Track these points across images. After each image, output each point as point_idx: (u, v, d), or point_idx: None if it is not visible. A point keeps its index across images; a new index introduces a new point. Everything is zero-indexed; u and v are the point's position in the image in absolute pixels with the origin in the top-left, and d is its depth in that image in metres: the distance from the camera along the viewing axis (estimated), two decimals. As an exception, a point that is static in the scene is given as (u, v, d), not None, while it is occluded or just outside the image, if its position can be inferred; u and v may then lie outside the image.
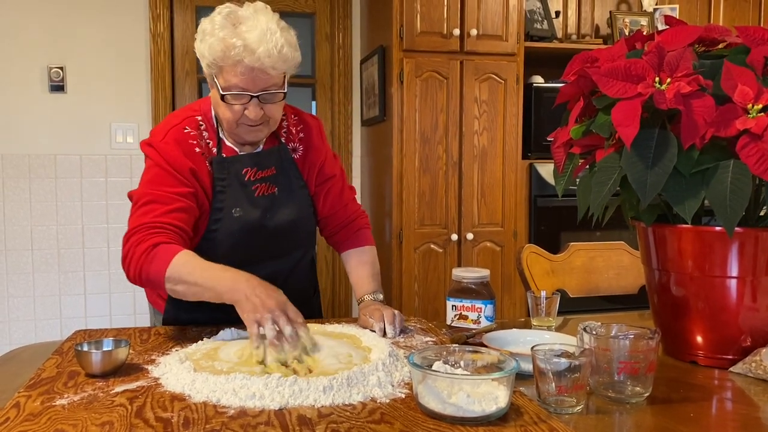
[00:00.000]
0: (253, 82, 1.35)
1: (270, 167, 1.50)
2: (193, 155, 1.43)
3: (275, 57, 1.32)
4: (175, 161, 1.40)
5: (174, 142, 1.42)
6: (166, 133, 1.43)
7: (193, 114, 1.47)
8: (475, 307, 1.42)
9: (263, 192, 1.48)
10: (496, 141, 3.20)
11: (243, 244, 1.47)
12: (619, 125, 1.05)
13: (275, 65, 1.34)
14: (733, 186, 1.03)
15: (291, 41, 1.38)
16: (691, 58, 1.08)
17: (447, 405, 0.89)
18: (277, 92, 1.38)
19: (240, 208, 1.45)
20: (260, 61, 1.31)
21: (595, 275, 1.94)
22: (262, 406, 0.94)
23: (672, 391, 1.08)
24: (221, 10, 1.37)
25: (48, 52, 3.27)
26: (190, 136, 1.44)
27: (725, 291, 1.16)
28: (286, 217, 1.51)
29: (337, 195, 1.62)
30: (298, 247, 1.57)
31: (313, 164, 1.58)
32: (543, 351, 0.99)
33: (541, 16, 3.36)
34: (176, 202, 1.37)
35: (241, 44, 1.31)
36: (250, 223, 1.46)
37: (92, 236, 3.38)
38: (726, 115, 1.03)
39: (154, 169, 1.41)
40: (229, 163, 1.46)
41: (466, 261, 3.19)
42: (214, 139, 1.47)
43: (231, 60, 1.32)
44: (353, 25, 3.64)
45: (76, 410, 0.93)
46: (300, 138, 1.57)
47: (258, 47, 1.31)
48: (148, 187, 1.40)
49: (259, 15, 1.35)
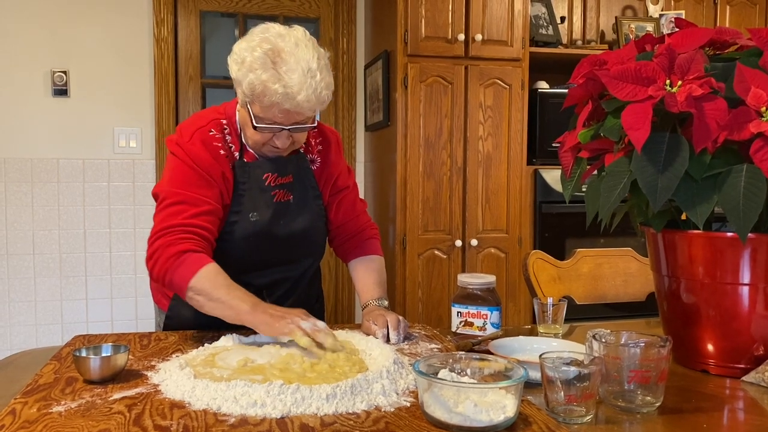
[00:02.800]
0: (287, 119, 1.36)
1: (288, 174, 1.51)
2: (219, 157, 1.44)
3: (314, 102, 1.33)
4: (203, 163, 1.41)
5: (201, 144, 1.43)
6: (192, 135, 1.44)
7: (218, 117, 1.48)
8: (481, 314, 1.39)
9: (280, 199, 1.49)
10: (500, 147, 3.18)
11: (255, 249, 1.48)
12: (629, 128, 1.03)
13: (313, 108, 1.35)
14: (747, 191, 1.01)
15: (329, 81, 1.36)
16: (702, 61, 1.07)
17: (453, 414, 0.87)
18: (308, 126, 1.40)
19: (257, 213, 1.46)
20: (299, 106, 1.32)
21: (602, 282, 1.91)
22: (263, 414, 0.92)
23: (683, 401, 1.06)
24: (261, 43, 1.32)
25: (51, 56, 3.26)
26: (215, 138, 1.45)
27: (737, 298, 1.14)
28: (299, 225, 1.51)
29: (349, 206, 1.64)
30: (307, 255, 1.58)
31: (330, 176, 1.59)
32: (551, 359, 0.97)
33: (546, 21, 3.34)
34: (205, 204, 1.39)
35: (282, 91, 1.30)
36: (266, 229, 1.47)
37: (94, 241, 3.37)
38: (739, 119, 1.01)
39: (182, 168, 1.41)
40: (251, 168, 1.47)
41: (470, 267, 3.17)
42: (236, 143, 1.47)
43: (268, 101, 1.32)
44: (357, 30, 3.63)
45: (73, 417, 0.91)
46: (318, 150, 1.59)
47: (298, 95, 1.30)
48: (177, 186, 1.40)
49: (299, 51, 1.32)
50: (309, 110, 1.35)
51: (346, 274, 3.54)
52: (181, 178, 1.41)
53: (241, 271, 1.43)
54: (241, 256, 1.47)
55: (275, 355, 1.16)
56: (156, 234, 1.36)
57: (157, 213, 1.40)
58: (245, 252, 1.47)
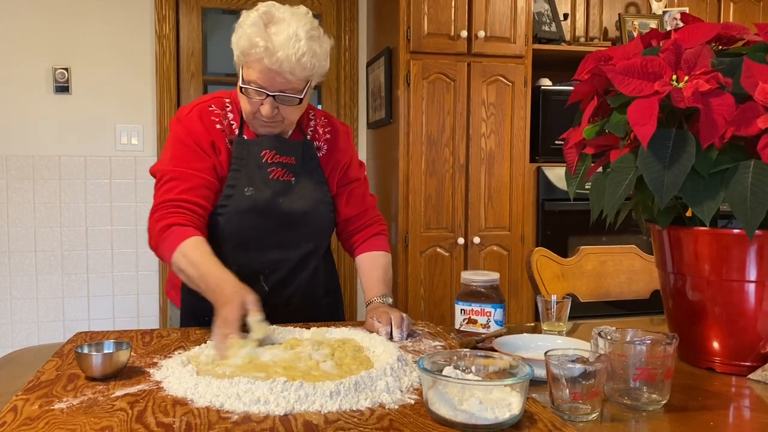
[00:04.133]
0: (270, 82, 1.39)
1: (290, 156, 1.52)
2: (213, 130, 1.47)
3: (293, 63, 1.36)
4: (195, 134, 1.46)
5: (197, 117, 1.48)
6: (191, 109, 1.50)
7: (222, 96, 1.53)
8: (485, 311, 1.39)
9: (278, 176, 1.50)
10: (503, 144, 3.17)
11: (250, 225, 1.48)
12: (635, 124, 1.02)
13: (293, 71, 1.37)
14: (754, 187, 1.00)
15: (316, 51, 1.40)
16: (709, 56, 1.06)
17: (458, 412, 0.86)
18: (293, 96, 1.42)
19: (253, 187, 1.47)
20: (279, 64, 1.36)
21: (606, 279, 1.91)
22: (266, 411, 0.91)
23: (689, 399, 1.05)
24: (260, 7, 1.41)
25: (53, 53, 3.25)
26: (214, 113, 1.49)
27: (743, 295, 1.13)
28: (299, 206, 1.51)
29: (359, 198, 1.64)
30: (307, 239, 1.56)
31: (337, 164, 1.60)
32: (557, 356, 0.96)
33: (549, 18, 3.33)
34: (196, 178, 1.43)
35: (263, 45, 1.35)
36: (261, 204, 1.47)
37: (96, 238, 3.36)
38: (746, 114, 1.00)
39: (176, 144, 1.47)
40: (249, 145, 1.49)
41: (472, 265, 3.16)
42: (237, 121, 1.51)
43: (252, 57, 1.37)
44: (359, 27, 3.62)
45: (75, 414, 0.91)
46: (326, 139, 1.60)
47: (278, 51, 1.35)
48: (171, 163, 1.45)
49: (293, 19, 1.39)
50: (289, 72, 1.36)
51: (349, 271, 3.54)
52: (174, 154, 1.46)
53: (237, 249, 1.47)
54: (236, 231, 1.47)
55: (280, 353, 1.15)
56: (151, 211, 1.43)
57: (155, 191, 1.46)
58: (240, 227, 1.47)
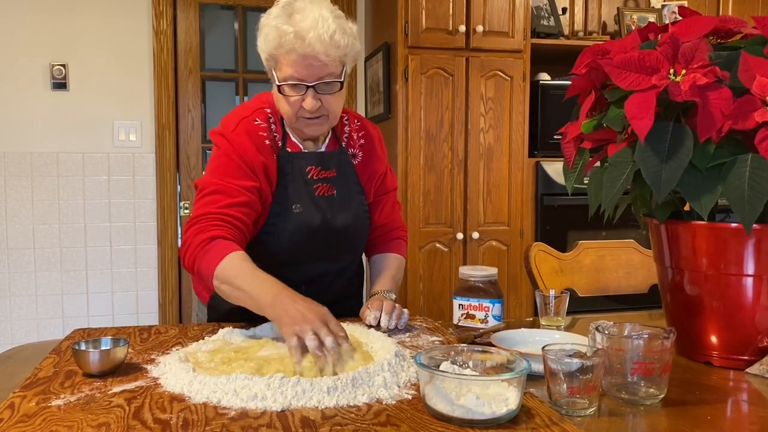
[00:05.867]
0: (307, 70, 1.34)
1: (331, 168, 1.50)
2: (263, 148, 1.43)
3: (326, 42, 1.32)
4: (245, 153, 1.40)
5: (245, 134, 1.42)
6: (237, 124, 1.43)
7: (262, 106, 1.48)
8: (483, 306, 1.39)
9: (323, 192, 1.48)
10: (502, 139, 3.16)
11: (298, 242, 1.46)
12: (632, 118, 1.02)
13: (327, 51, 1.33)
14: (752, 181, 1.00)
15: (345, 28, 1.36)
16: (706, 49, 1.05)
17: (455, 407, 0.86)
18: (333, 81, 1.37)
19: (300, 204, 1.45)
20: (311, 47, 1.31)
21: (605, 274, 1.91)
22: (264, 407, 0.91)
23: (686, 393, 1.05)
24: (278, 3, 1.37)
25: (50, 49, 3.25)
26: (260, 128, 1.44)
27: (741, 289, 1.13)
28: (343, 220, 1.50)
29: (390, 208, 1.65)
30: (350, 251, 1.56)
31: (373, 172, 1.58)
32: (554, 351, 0.96)
33: (548, 12, 3.32)
34: (241, 195, 1.37)
35: (293, 31, 1.31)
36: (308, 222, 1.45)
37: (95, 235, 3.36)
38: (744, 108, 1.00)
39: (223, 159, 1.41)
40: (295, 159, 1.46)
41: (471, 260, 3.16)
42: (280, 133, 1.47)
43: (284, 49, 1.33)
44: (357, 22, 3.61)
45: (72, 411, 0.90)
46: (360, 144, 1.57)
47: (308, 33, 1.30)
48: (215, 176, 1.39)
49: (314, 5, 1.35)
50: (324, 54, 1.32)
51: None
52: (220, 169, 1.40)
53: (282, 266, 1.40)
54: (284, 250, 1.45)
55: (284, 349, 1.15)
56: (189, 222, 1.36)
57: (195, 203, 1.41)
58: (288, 246, 1.45)
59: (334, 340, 1.08)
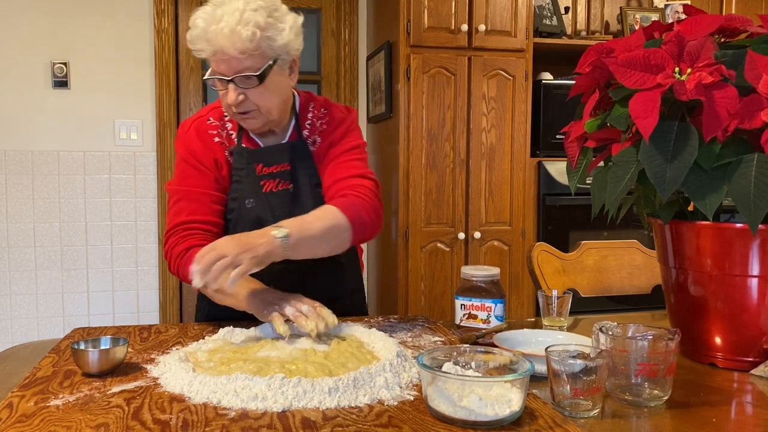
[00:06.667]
0: (226, 65, 1.33)
1: (283, 162, 1.48)
2: (213, 145, 1.47)
3: (227, 36, 1.29)
4: (196, 152, 1.46)
5: (195, 134, 1.48)
6: (189, 126, 1.50)
7: (219, 106, 1.50)
8: (485, 306, 1.38)
9: (272, 188, 1.47)
10: (504, 138, 3.15)
11: None
12: (637, 117, 1.01)
13: (234, 43, 1.29)
14: (757, 181, 0.98)
15: (259, 22, 1.30)
16: (712, 48, 1.04)
17: (458, 408, 0.85)
18: (250, 75, 1.33)
19: (254, 200, 1.46)
20: (216, 41, 1.30)
21: (607, 274, 1.90)
22: (264, 407, 0.91)
23: (691, 395, 1.04)
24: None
25: (51, 47, 3.24)
26: (212, 126, 1.49)
27: (746, 290, 1.12)
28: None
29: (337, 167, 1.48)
30: None
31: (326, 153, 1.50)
32: (558, 352, 0.95)
33: (551, 11, 3.31)
34: (204, 196, 1.44)
35: (201, 27, 1.32)
36: (262, 217, 1.45)
37: (95, 233, 3.35)
38: (750, 107, 0.99)
39: (181, 164, 1.48)
40: (247, 154, 1.48)
41: (473, 260, 3.15)
42: (236, 130, 1.49)
43: (196, 45, 1.34)
44: (359, 21, 3.60)
45: (71, 411, 0.90)
46: (321, 130, 1.54)
47: (210, 27, 1.30)
48: (178, 183, 1.46)
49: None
50: (231, 48, 1.29)
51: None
52: (181, 175, 1.47)
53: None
54: None
55: (284, 350, 1.14)
56: (166, 234, 1.44)
57: (167, 210, 1.48)
58: None
59: (310, 307, 1.23)
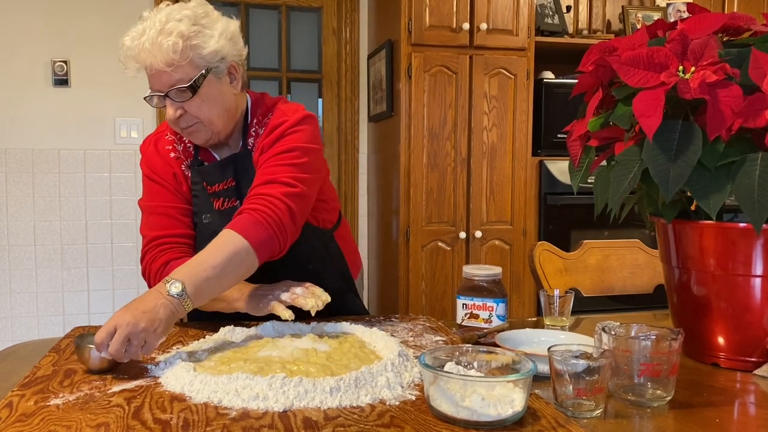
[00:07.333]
0: (156, 80, 1.33)
1: (226, 179, 1.43)
2: (169, 160, 1.46)
3: (147, 50, 1.28)
4: (155, 167, 1.45)
5: (154, 150, 1.47)
6: (150, 143, 1.49)
7: None
8: (487, 306, 1.37)
9: (220, 206, 1.43)
10: (505, 137, 3.15)
11: None
12: (640, 116, 1.00)
13: (155, 55, 1.28)
14: (762, 180, 0.98)
15: (183, 31, 1.28)
16: (716, 46, 1.04)
17: (460, 408, 0.85)
18: (182, 88, 1.32)
19: (209, 215, 1.44)
20: (140, 58, 1.30)
21: (609, 274, 1.89)
22: (265, 407, 0.90)
23: (694, 395, 1.03)
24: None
25: (52, 46, 3.24)
26: (168, 141, 1.48)
27: (749, 290, 1.11)
28: None
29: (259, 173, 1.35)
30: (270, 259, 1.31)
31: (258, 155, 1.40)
32: (560, 352, 0.94)
33: (552, 10, 3.31)
34: (172, 209, 1.43)
35: (127, 46, 1.31)
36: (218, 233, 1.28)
37: (96, 232, 3.35)
38: (755, 105, 0.98)
39: (146, 182, 1.47)
40: (201, 170, 1.45)
41: (474, 259, 3.15)
42: (193, 144, 1.47)
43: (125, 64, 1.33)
44: (360, 20, 3.60)
45: (71, 410, 0.89)
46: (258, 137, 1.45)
47: (132, 44, 1.30)
48: (146, 199, 1.46)
49: (158, 13, 1.31)
50: (153, 58, 1.28)
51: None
52: (147, 190, 1.46)
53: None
54: None
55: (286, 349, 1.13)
56: (142, 250, 1.42)
57: (141, 225, 1.46)
58: None
59: (303, 288, 1.25)
